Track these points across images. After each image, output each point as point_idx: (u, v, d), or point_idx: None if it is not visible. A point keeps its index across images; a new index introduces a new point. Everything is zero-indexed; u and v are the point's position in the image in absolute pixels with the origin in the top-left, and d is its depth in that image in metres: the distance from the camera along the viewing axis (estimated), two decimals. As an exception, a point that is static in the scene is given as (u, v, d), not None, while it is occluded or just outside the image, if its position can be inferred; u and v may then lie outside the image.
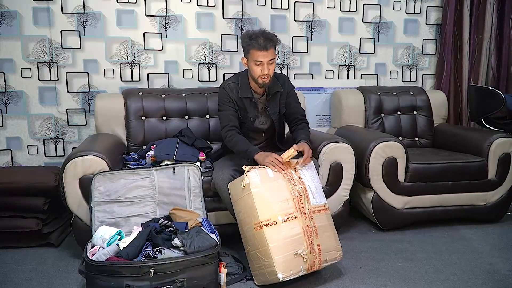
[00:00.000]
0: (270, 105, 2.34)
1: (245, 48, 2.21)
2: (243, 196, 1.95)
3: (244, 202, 1.95)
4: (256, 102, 2.31)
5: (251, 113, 2.31)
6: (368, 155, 2.48)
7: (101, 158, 2.14)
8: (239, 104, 2.29)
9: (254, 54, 2.15)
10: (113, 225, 2.03)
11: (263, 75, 2.18)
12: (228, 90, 2.28)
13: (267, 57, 2.14)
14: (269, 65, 2.17)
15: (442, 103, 3.23)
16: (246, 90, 2.28)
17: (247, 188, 1.93)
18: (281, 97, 2.36)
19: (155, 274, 1.70)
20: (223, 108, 2.29)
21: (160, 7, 2.98)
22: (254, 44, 2.13)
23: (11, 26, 2.82)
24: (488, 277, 2.08)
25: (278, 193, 1.96)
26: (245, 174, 1.95)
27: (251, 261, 1.99)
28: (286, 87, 2.37)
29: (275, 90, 2.31)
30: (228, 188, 2.07)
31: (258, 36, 2.14)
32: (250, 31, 2.21)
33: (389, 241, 2.49)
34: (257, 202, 1.90)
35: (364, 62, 3.35)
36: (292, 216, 1.93)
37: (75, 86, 2.96)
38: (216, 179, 2.19)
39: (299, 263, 1.89)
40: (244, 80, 2.30)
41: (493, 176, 2.69)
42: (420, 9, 3.36)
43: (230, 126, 2.24)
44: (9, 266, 2.16)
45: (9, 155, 2.96)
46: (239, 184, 1.98)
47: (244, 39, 2.20)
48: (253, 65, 2.18)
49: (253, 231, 1.92)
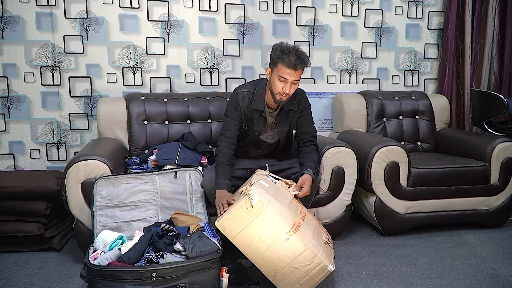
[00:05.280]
0: (281, 122, 2.27)
1: (274, 59, 2.07)
2: (255, 218, 1.78)
3: (258, 223, 1.78)
4: (266, 117, 2.23)
5: (257, 127, 2.25)
6: (370, 159, 2.48)
7: (103, 163, 2.14)
8: (248, 114, 2.22)
9: (281, 69, 2.04)
10: (115, 229, 2.03)
11: (283, 93, 2.07)
12: (240, 98, 2.20)
13: (293, 77, 2.04)
14: (292, 85, 2.07)
15: (444, 107, 3.23)
16: (259, 102, 2.19)
17: (257, 207, 1.77)
18: (294, 116, 2.27)
19: (157, 279, 1.69)
20: (228, 115, 2.24)
21: (162, 12, 2.99)
22: (285, 59, 2.01)
23: (14, 31, 2.84)
24: (491, 283, 2.07)
25: (283, 196, 1.95)
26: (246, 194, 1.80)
27: (283, 281, 1.83)
28: (301, 105, 2.26)
29: (289, 107, 2.22)
30: (218, 227, 1.83)
31: (291, 53, 2.02)
32: (284, 44, 2.08)
33: (392, 246, 2.48)
34: (276, 213, 1.79)
35: (366, 67, 3.36)
36: (304, 212, 1.96)
37: (78, 90, 2.97)
38: (205, 181, 2.17)
39: (329, 250, 1.92)
40: (261, 91, 2.20)
41: (496, 181, 2.68)
42: (422, 14, 3.37)
43: (226, 137, 2.19)
44: (11, 270, 2.16)
45: (12, 159, 2.96)
46: (240, 211, 1.79)
47: (275, 51, 2.07)
48: (276, 79, 2.06)
49: (281, 246, 1.77)
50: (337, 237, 2.52)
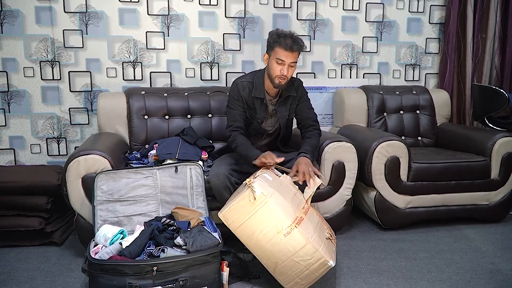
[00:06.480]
0: (280, 108, 2.32)
1: (271, 44, 2.17)
2: (257, 210, 1.78)
3: (261, 215, 1.79)
4: (267, 104, 2.30)
5: (260, 114, 2.30)
6: (371, 154, 2.48)
7: (104, 157, 2.14)
8: (249, 103, 2.28)
9: (278, 52, 2.13)
10: (115, 224, 2.04)
11: (281, 75, 2.14)
12: (240, 88, 2.27)
13: (290, 58, 2.12)
14: (290, 67, 2.14)
15: (445, 102, 3.22)
16: (259, 90, 2.26)
17: (260, 199, 1.78)
18: (293, 102, 2.34)
19: (157, 273, 1.70)
20: (231, 106, 2.29)
21: (162, 6, 2.98)
22: (281, 42, 2.11)
23: (13, 25, 2.83)
24: (491, 277, 2.07)
25: (286, 190, 1.95)
26: (249, 186, 1.80)
27: (283, 274, 1.84)
28: (299, 92, 2.35)
29: (288, 93, 2.30)
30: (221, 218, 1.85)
31: (287, 36, 2.12)
32: (280, 29, 2.18)
33: (392, 240, 2.49)
34: (278, 206, 1.79)
35: (367, 61, 3.35)
36: (307, 207, 1.96)
37: (78, 85, 2.97)
38: (211, 176, 2.17)
39: (331, 245, 1.91)
40: (260, 79, 2.28)
41: (496, 175, 2.68)
42: (424, 8, 3.35)
43: (235, 127, 2.25)
44: (12, 265, 2.17)
45: (12, 154, 2.97)
46: (243, 203, 1.80)
47: (272, 35, 2.17)
48: (274, 62, 2.15)
49: (282, 239, 1.77)
50: (337, 231, 2.52)
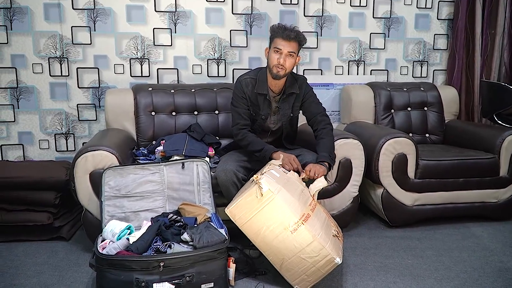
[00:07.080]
0: (283, 105, 2.32)
1: (271, 37, 2.22)
2: (264, 207, 1.79)
3: (267, 212, 1.79)
4: (270, 101, 2.30)
5: (264, 111, 2.31)
6: (378, 151, 2.47)
7: (111, 153, 2.15)
8: (253, 100, 2.28)
9: (276, 41, 2.16)
10: (123, 219, 2.05)
11: (278, 65, 2.15)
12: (244, 85, 2.28)
13: (287, 48, 2.14)
14: (287, 57, 2.15)
15: (453, 99, 3.20)
16: (262, 86, 2.26)
17: (267, 196, 1.78)
18: (296, 100, 2.34)
19: (164, 268, 1.71)
20: (236, 104, 2.29)
21: (169, 3, 2.98)
22: (280, 33, 2.15)
23: (22, 22, 2.84)
24: (499, 275, 2.06)
25: (293, 187, 1.95)
26: (256, 182, 1.81)
27: (290, 271, 1.84)
28: (303, 89, 2.34)
29: (291, 90, 2.30)
30: (228, 214, 1.86)
31: (287, 28, 2.16)
32: (281, 23, 2.22)
33: (399, 238, 2.48)
34: (285, 203, 1.80)
35: (374, 58, 3.33)
36: (314, 203, 1.96)
37: (86, 81, 2.98)
38: (219, 172, 2.17)
39: (338, 243, 1.91)
40: (263, 76, 2.28)
41: (505, 173, 2.66)
42: (432, 4, 3.32)
43: (242, 125, 2.25)
44: (20, 259, 2.19)
45: (21, 149, 2.99)
46: (250, 199, 1.81)
47: (272, 28, 2.21)
48: (272, 52, 2.18)
49: (289, 236, 1.78)
50: (344, 228, 2.51)
